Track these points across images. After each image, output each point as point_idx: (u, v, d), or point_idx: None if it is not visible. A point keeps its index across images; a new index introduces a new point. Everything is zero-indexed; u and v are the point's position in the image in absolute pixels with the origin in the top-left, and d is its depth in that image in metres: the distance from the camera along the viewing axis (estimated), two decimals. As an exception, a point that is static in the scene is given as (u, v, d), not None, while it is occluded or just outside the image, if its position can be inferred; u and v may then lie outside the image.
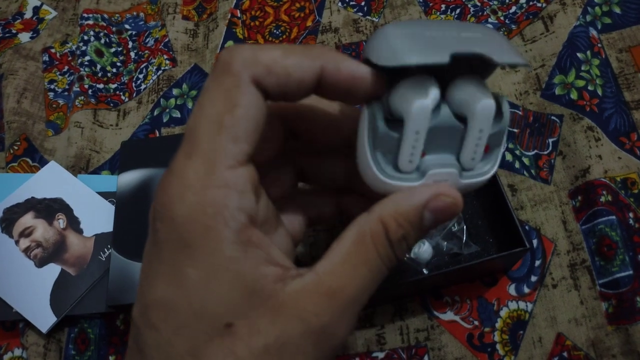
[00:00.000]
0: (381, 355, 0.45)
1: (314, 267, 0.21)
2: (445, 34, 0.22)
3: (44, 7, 0.72)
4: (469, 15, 0.61)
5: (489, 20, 0.60)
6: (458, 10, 0.62)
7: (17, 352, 0.50)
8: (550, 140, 0.51)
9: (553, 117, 0.52)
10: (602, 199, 0.47)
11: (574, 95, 0.52)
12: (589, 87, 0.52)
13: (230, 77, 0.20)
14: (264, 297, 0.19)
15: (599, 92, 0.52)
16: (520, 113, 0.53)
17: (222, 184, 0.19)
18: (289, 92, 0.21)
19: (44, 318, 0.48)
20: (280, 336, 0.19)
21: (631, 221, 0.46)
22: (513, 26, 0.59)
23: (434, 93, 0.22)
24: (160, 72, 0.64)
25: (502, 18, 0.60)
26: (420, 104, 0.21)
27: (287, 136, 0.26)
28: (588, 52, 0.54)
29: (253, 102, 0.20)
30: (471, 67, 0.23)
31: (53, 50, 0.68)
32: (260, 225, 0.23)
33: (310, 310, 0.19)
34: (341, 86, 0.22)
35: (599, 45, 0.55)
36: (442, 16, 0.62)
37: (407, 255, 0.45)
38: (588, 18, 0.56)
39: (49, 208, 0.52)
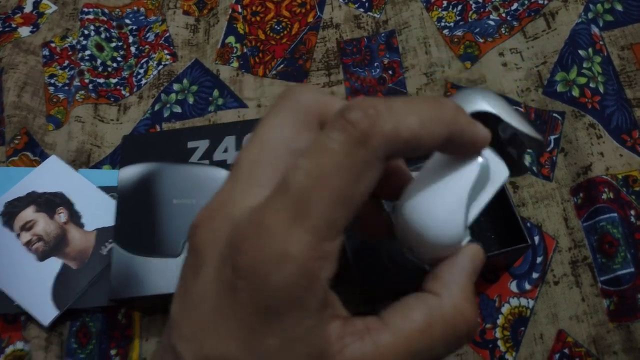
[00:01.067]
0: (382, 350, 0.45)
1: (374, 337, 0.20)
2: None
3: (44, 1, 0.72)
4: (470, 12, 0.61)
5: (491, 17, 0.60)
6: (460, 7, 0.62)
7: (19, 345, 0.50)
8: (552, 137, 0.51)
9: (555, 114, 0.52)
10: (604, 196, 0.47)
11: (575, 93, 0.52)
12: (591, 85, 0.52)
13: (365, 151, 0.18)
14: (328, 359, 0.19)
15: (601, 89, 0.52)
16: (522, 110, 0.54)
17: (323, 256, 0.18)
18: (410, 155, 0.20)
19: (45, 311, 0.48)
20: None
21: (633, 218, 0.46)
22: (515, 23, 0.59)
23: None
24: (160, 67, 0.64)
25: (503, 15, 0.60)
26: (505, 176, 0.24)
27: None
28: (590, 50, 0.54)
29: (375, 178, 0.19)
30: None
31: (53, 45, 0.68)
32: None
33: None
34: (459, 149, 0.22)
35: (601, 42, 0.55)
36: (444, 12, 0.62)
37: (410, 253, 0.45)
38: (590, 15, 0.56)
39: (49, 202, 0.52)
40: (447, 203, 0.22)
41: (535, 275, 0.46)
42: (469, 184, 0.22)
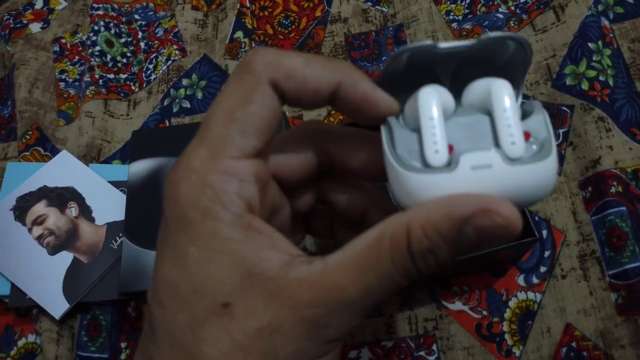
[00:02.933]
0: (389, 344, 0.46)
1: (326, 257, 0.20)
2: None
3: (55, -3, 0.72)
4: (479, 5, 0.61)
5: (500, 10, 0.60)
6: (468, 0, 0.61)
7: (31, 338, 0.50)
8: (561, 130, 0.51)
9: (564, 108, 0.52)
10: (613, 189, 0.46)
11: (585, 86, 0.52)
12: (600, 78, 0.52)
13: (249, 76, 0.21)
14: (264, 280, 0.20)
15: (610, 82, 0.52)
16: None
17: (224, 170, 0.20)
18: (303, 99, 0.22)
19: (57, 305, 0.49)
20: (273, 321, 0.19)
21: (642, 212, 0.46)
22: (524, 16, 0.59)
23: (442, 91, 0.22)
24: (169, 62, 0.64)
25: (512, 8, 0.59)
26: (425, 90, 0.21)
27: (321, 162, 0.26)
28: (599, 42, 0.54)
29: (267, 102, 0.21)
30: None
31: (64, 41, 0.68)
32: (280, 228, 0.24)
33: (305, 300, 0.19)
34: (355, 104, 0.22)
35: (611, 35, 0.55)
36: (452, 6, 0.61)
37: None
38: (600, 7, 0.56)
39: (61, 197, 0.53)
40: (386, 167, 0.22)
41: (543, 269, 0.46)
42: (384, 144, 0.22)
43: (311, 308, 0.19)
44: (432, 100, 0.21)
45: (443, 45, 0.22)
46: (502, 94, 0.21)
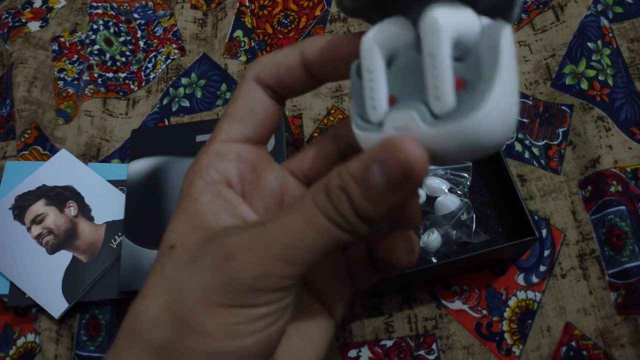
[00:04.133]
0: (389, 343, 0.46)
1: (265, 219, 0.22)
2: None
3: (53, -4, 0.72)
4: (479, 5, 0.61)
5: (499, 9, 0.60)
6: (468, 0, 0.61)
7: (30, 337, 0.50)
8: (560, 130, 0.51)
9: (563, 107, 0.52)
10: (612, 189, 0.46)
11: (584, 85, 0.52)
12: (600, 77, 0.52)
13: (241, 80, 0.26)
14: (205, 231, 0.22)
15: (610, 82, 0.52)
16: (530, 103, 0.53)
17: (210, 151, 0.24)
18: (283, 80, 0.25)
19: (56, 304, 0.48)
20: (197, 255, 0.21)
21: (641, 211, 0.46)
22: (523, 15, 0.59)
23: (390, 29, 0.19)
24: (169, 61, 0.64)
25: (512, 7, 0.59)
26: (367, 36, 0.19)
27: (340, 148, 0.28)
28: (599, 42, 0.54)
29: (249, 94, 0.25)
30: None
31: (62, 39, 0.68)
32: (265, 208, 0.26)
33: (225, 237, 0.21)
34: (323, 61, 0.24)
35: (610, 34, 0.55)
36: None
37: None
38: (599, 7, 0.56)
39: (60, 196, 0.53)
40: None
41: (542, 268, 0.46)
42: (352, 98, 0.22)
43: (224, 237, 0.21)
44: (371, 49, 0.19)
45: None
46: (430, 33, 0.17)
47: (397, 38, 0.19)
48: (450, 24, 0.17)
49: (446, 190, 0.48)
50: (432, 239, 0.46)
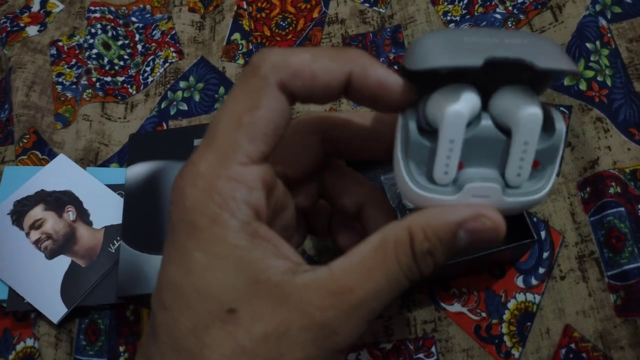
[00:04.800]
0: (389, 346, 0.45)
1: (330, 264, 0.21)
2: (487, 40, 0.21)
3: (51, 0, 0.72)
4: (477, 6, 0.60)
5: (497, 10, 0.60)
6: (466, 1, 0.61)
7: (29, 342, 0.50)
8: (559, 131, 0.51)
9: (562, 108, 0.52)
10: (611, 190, 0.46)
11: (583, 86, 0.52)
12: (598, 78, 0.52)
13: (256, 79, 0.21)
14: (270, 286, 0.20)
15: (609, 82, 0.51)
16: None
17: (232, 177, 0.20)
18: (315, 95, 0.22)
19: (55, 309, 0.48)
20: (280, 326, 0.19)
21: (640, 213, 0.46)
22: (521, 16, 0.59)
23: (472, 100, 0.21)
24: (167, 64, 0.64)
25: (510, 8, 0.59)
26: (454, 109, 0.20)
27: (325, 153, 0.26)
28: (597, 42, 0.53)
29: (275, 106, 0.21)
30: (519, 80, 0.21)
31: (61, 44, 0.68)
32: (281, 230, 0.24)
33: (314, 304, 0.19)
34: (369, 93, 0.22)
35: (609, 35, 0.55)
36: (450, 6, 0.61)
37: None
38: (597, 7, 0.56)
39: (58, 200, 0.53)
40: (394, 163, 0.22)
41: (541, 270, 0.46)
42: (397, 143, 0.22)
43: (320, 311, 0.19)
44: (459, 123, 0.20)
45: (509, 56, 0.19)
46: (528, 128, 0.20)
47: (472, 106, 0.20)
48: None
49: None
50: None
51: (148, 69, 0.65)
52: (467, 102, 0.20)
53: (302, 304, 0.19)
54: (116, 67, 0.65)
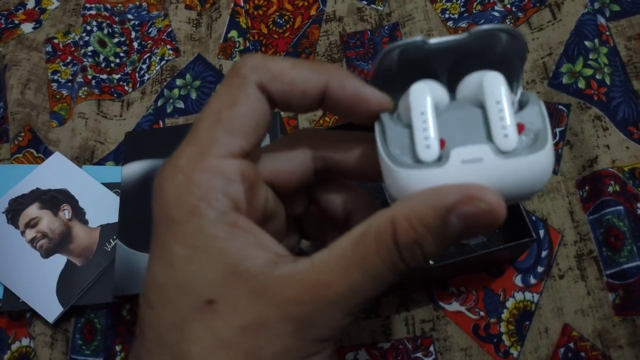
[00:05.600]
0: (387, 345, 0.45)
1: (312, 256, 0.20)
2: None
3: (47, -3, 0.72)
4: (475, 3, 0.60)
5: (495, 8, 0.59)
6: (464, -2, 0.61)
7: (25, 341, 0.50)
8: (558, 129, 0.51)
9: (560, 107, 0.52)
10: (610, 189, 0.46)
11: (581, 84, 0.52)
12: (597, 76, 0.51)
13: (237, 79, 0.22)
14: (248, 278, 0.19)
15: (607, 80, 0.51)
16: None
17: (210, 169, 0.20)
18: (292, 101, 0.22)
19: (50, 308, 0.48)
20: (258, 318, 0.19)
21: (639, 211, 0.46)
22: (520, 14, 0.58)
23: (434, 84, 0.22)
24: (163, 62, 0.64)
25: (508, 6, 0.59)
26: (417, 85, 0.21)
27: (317, 167, 0.26)
28: (596, 40, 0.53)
29: (254, 104, 0.22)
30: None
31: (56, 41, 0.68)
32: (275, 233, 0.24)
33: (291, 297, 0.19)
34: (345, 103, 0.23)
35: (607, 33, 0.54)
36: (448, 4, 0.61)
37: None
38: (596, 5, 0.56)
39: (54, 199, 0.52)
40: (380, 162, 0.22)
41: (540, 269, 0.46)
42: (377, 141, 0.22)
43: (297, 305, 0.19)
44: (423, 95, 0.21)
45: (433, 41, 0.22)
46: (494, 86, 0.20)
47: (438, 93, 0.22)
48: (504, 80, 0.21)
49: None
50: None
51: (144, 66, 0.64)
52: (428, 82, 0.22)
53: (278, 297, 0.19)
54: (112, 65, 0.65)
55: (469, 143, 0.20)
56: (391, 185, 0.21)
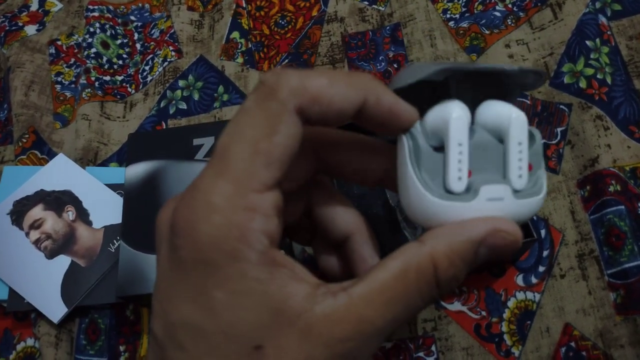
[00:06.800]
0: (389, 345, 0.45)
1: (348, 290, 0.20)
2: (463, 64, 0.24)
3: (50, -1, 0.72)
4: (476, 3, 0.60)
5: (497, 7, 0.59)
6: (465, -2, 0.61)
7: (30, 342, 0.50)
8: (559, 129, 0.51)
9: (562, 106, 0.52)
10: (611, 188, 0.46)
11: (582, 84, 0.52)
12: (598, 76, 0.51)
13: (274, 103, 0.20)
14: (293, 317, 0.19)
15: (608, 80, 0.51)
16: (528, 102, 0.53)
17: (250, 207, 0.19)
18: (329, 120, 0.21)
19: (55, 309, 0.48)
20: (307, 358, 0.19)
21: (640, 211, 0.46)
22: (521, 14, 0.58)
23: (465, 109, 0.22)
24: (166, 63, 0.64)
25: (509, 6, 0.59)
26: (457, 113, 0.22)
27: (317, 168, 0.26)
28: (597, 40, 0.53)
29: (292, 132, 0.20)
30: (493, 95, 0.24)
31: (59, 43, 0.68)
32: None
33: (336, 336, 0.19)
34: (380, 118, 0.22)
35: (609, 32, 0.54)
36: (449, 4, 0.61)
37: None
38: (597, 5, 0.56)
39: (58, 200, 0.53)
40: (403, 181, 0.23)
41: (541, 268, 0.46)
42: (406, 160, 0.22)
43: (343, 343, 0.19)
44: (463, 125, 0.22)
45: (481, 66, 0.23)
46: (519, 129, 0.22)
47: (469, 119, 0.22)
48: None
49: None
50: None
51: (147, 68, 0.65)
52: (463, 109, 0.22)
53: (324, 336, 0.19)
54: (115, 66, 0.65)
55: (492, 182, 0.22)
56: (417, 210, 0.22)
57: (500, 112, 0.23)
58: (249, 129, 0.20)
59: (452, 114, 0.21)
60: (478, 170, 0.22)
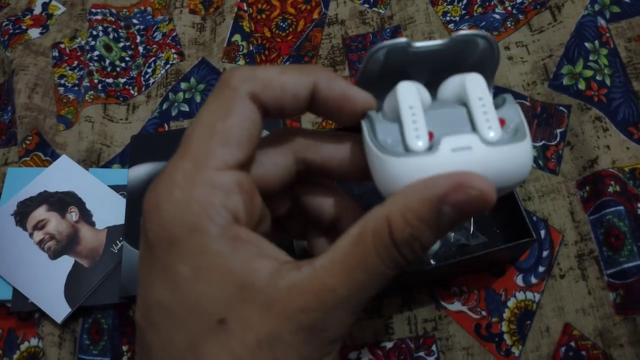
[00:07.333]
0: (389, 345, 0.46)
1: (313, 261, 0.21)
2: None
3: (53, 2, 0.72)
4: (476, 6, 0.61)
5: (496, 10, 0.60)
6: (465, 1, 0.61)
7: (34, 341, 0.51)
8: (558, 130, 0.51)
9: (561, 108, 0.52)
10: (610, 189, 0.47)
11: (582, 86, 0.52)
12: (597, 77, 0.52)
13: (227, 90, 0.22)
14: (255, 291, 0.19)
15: (607, 82, 0.52)
16: (527, 104, 0.53)
17: (208, 183, 0.20)
18: (285, 107, 0.23)
19: (58, 309, 0.49)
20: (271, 332, 0.19)
21: (639, 211, 0.46)
22: (520, 16, 0.59)
23: (418, 85, 0.23)
24: (168, 66, 0.64)
25: (509, 8, 0.60)
26: (403, 82, 0.23)
27: (299, 168, 0.26)
28: (596, 42, 0.54)
29: (247, 114, 0.22)
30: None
31: (62, 46, 0.69)
32: (263, 235, 0.24)
33: (299, 307, 0.19)
34: (332, 103, 0.23)
35: (608, 34, 0.55)
36: (449, 7, 0.62)
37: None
38: (596, 7, 0.56)
39: (61, 201, 0.53)
40: (370, 164, 0.23)
41: (541, 269, 0.46)
42: (366, 140, 0.23)
43: (306, 314, 0.19)
44: (411, 90, 0.22)
45: (417, 43, 0.24)
46: (476, 85, 0.22)
47: (423, 92, 0.23)
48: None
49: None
50: (431, 241, 0.46)
51: (149, 70, 0.65)
52: (414, 83, 0.23)
53: (287, 309, 0.19)
54: (118, 69, 0.66)
55: (458, 133, 0.21)
56: (381, 177, 0.22)
57: (456, 80, 0.23)
58: (206, 114, 0.22)
59: (399, 85, 0.22)
60: (444, 133, 0.21)
